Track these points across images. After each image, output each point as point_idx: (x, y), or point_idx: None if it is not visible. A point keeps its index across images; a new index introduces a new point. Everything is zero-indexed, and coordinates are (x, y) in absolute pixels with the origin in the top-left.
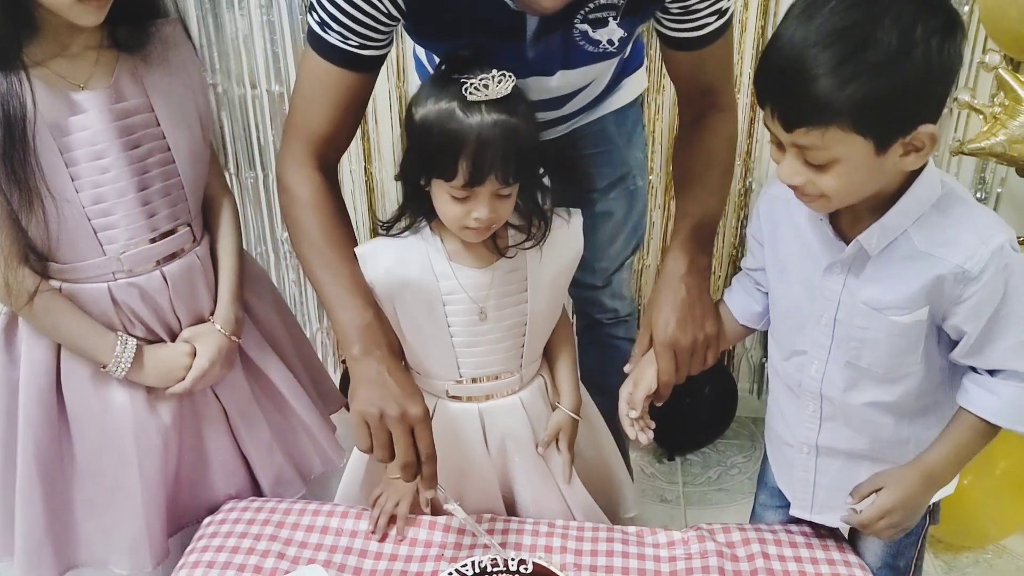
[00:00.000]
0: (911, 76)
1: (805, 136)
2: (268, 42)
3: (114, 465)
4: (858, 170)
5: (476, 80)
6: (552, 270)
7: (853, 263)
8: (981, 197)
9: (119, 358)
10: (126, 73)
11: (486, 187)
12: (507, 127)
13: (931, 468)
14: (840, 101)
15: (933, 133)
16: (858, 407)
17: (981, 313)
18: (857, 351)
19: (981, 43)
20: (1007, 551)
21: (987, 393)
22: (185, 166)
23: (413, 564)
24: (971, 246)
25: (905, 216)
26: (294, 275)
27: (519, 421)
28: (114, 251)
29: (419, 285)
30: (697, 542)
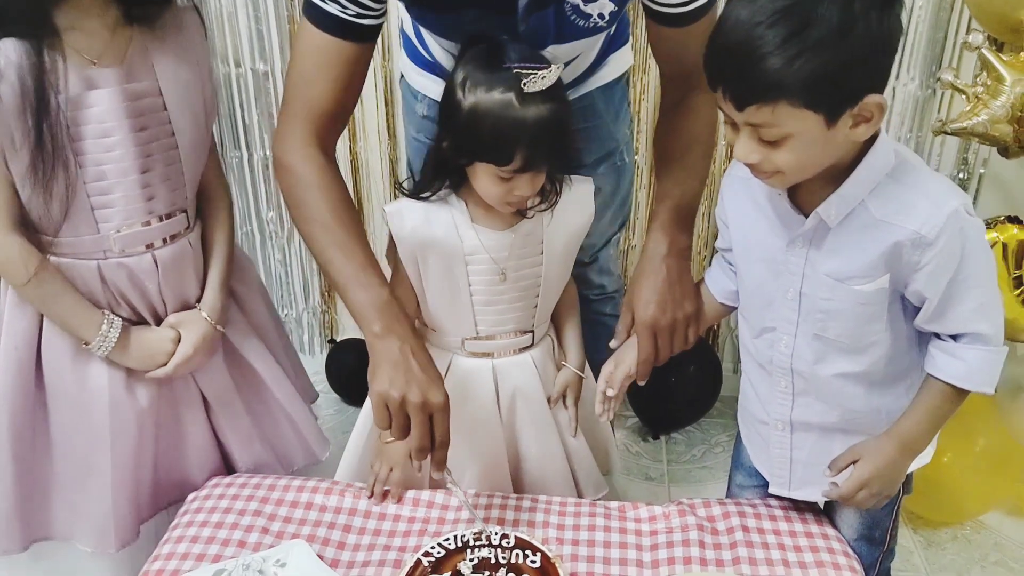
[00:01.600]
0: (854, 49)
1: (756, 114)
2: (252, 19)
3: (87, 444)
4: (811, 144)
5: (535, 74)
6: (565, 234)
7: (814, 236)
8: (964, 177)
9: (104, 337)
10: (138, 54)
11: (532, 171)
12: (559, 116)
13: (905, 436)
14: (787, 77)
15: (880, 102)
16: (828, 379)
17: (940, 277)
18: (823, 323)
19: (965, 23)
20: (985, 527)
21: (953, 359)
22: (187, 152)
23: (397, 539)
24: (926, 212)
25: (861, 186)
26: (279, 255)
27: (530, 377)
28: (108, 230)
29: (443, 245)
30: (678, 516)
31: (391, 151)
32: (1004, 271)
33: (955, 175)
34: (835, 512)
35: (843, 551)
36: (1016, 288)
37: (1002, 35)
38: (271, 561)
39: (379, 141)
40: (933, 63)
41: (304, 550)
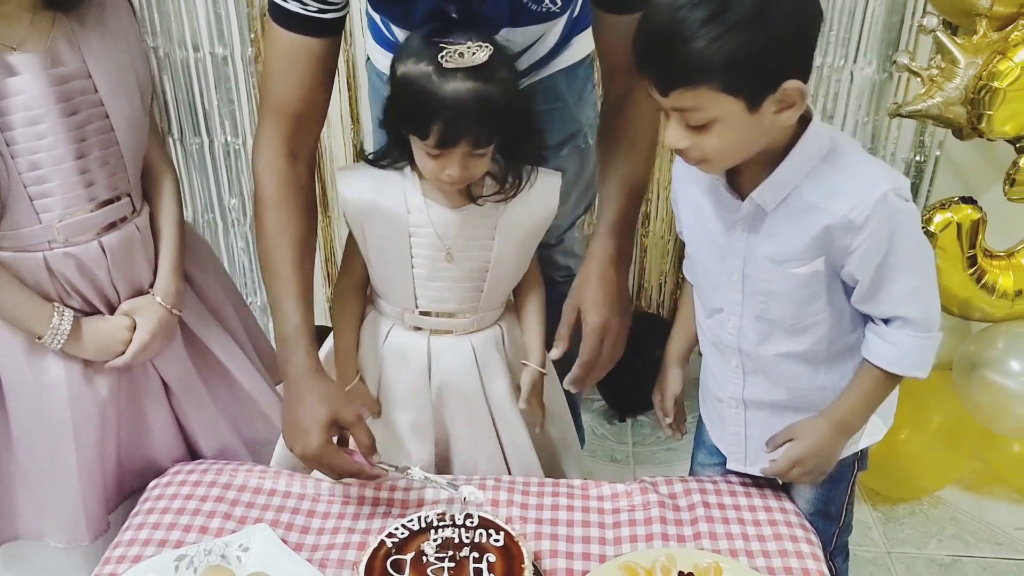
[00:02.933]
0: (771, 32)
1: (680, 98)
2: (210, 3)
3: (49, 438)
4: (735, 129)
5: (452, 49)
6: (522, 226)
7: (753, 220)
8: (920, 159)
9: (56, 330)
10: (62, 37)
11: (459, 149)
12: (481, 94)
13: (839, 417)
14: (706, 61)
15: (800, 88)
16: (772, 359)
17: (870, 261)
18: (765, 304)
19: (921, 7)
20: (942, 501)
21: (884, 343)
22: (124, 134)
23: (361, 521)
24: (856, 196)
25: (795, 170)
26: (242, 243)
27: (464, 363)
28: (50, 220)
29: (389, 213)
30: (640, 494)
31: (355, 136)
32: (958, 251)
33: (911, 157)
34: (792, 488)
35: (800, 524)
36: (970, 267)
37: (956, 18)
38: (234, 546)
39: (342, 127)
40: (889, 46)
41: (267, 535)
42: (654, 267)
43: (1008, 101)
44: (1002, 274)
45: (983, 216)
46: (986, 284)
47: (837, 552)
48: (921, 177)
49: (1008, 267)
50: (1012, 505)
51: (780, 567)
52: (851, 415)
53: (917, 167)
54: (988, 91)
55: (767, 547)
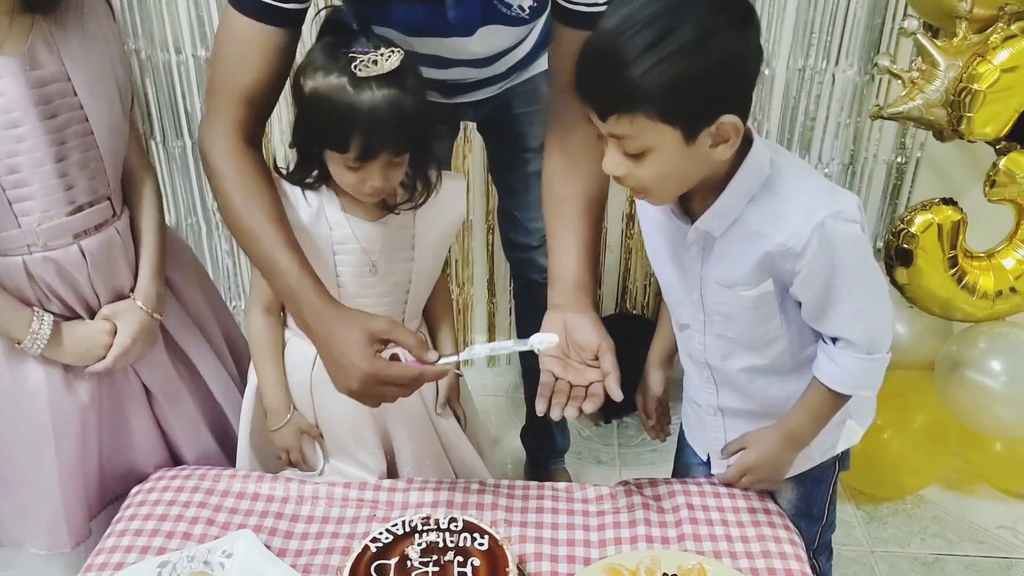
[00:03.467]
0: (709, 66)
1: (617, 124)
2: (192, 5)
3: (30, 444)
4: (671, 159)
5: (366, 57)
6: (436, 231)
7: (704, 243)
8: (901, 161)
9: (35, 335)
10: (41, 40)
11: (379, 159)
12: (397, 102)
13: (789, 430)
14: (644, 88)
15: (736, 124)
16: (737, 373)
17: (812, 285)
18: (724, 324)
19: (902, 9)
20: (925, 500)
21: (830, 362)
22: (104, 137)
23: (345, 526)
24: (794, 223)
25: (737, 198)
26: (227, 246)
27: None
28: (30, 223)
29: (311, 231)
30: (624, 496)
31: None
32: (939, 252)
33: (893, 159)
34: (774, 490)
35: (783, 525)
36: (951, 268)
37: (937, 21)
38: (217, 552)
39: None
40: (871, 49)
41: (250, 540)
42: (639, 268)
43: (988, 103)
44: (983, 275)
45: (964, 217)
46: (967, 285)
47: (820, 551)
48: (902, 179)
49: (989, 268)
50: (994, 503)
51: (764, 568)
52: (800, 429)
53: (899, 168)
54: (968, 93)
55: (751, 548)
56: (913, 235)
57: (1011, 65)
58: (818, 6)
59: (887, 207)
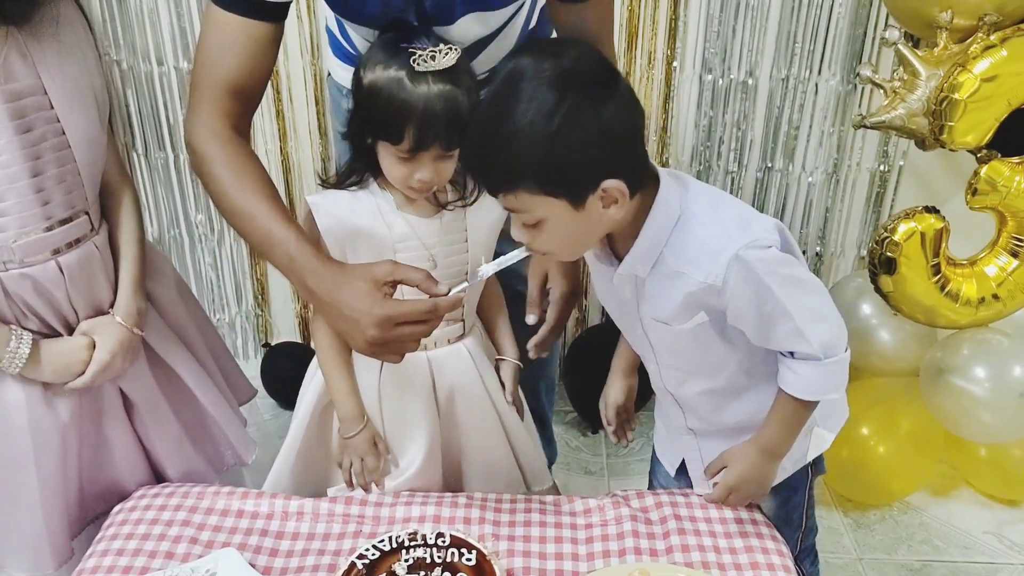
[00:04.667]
0: (572, 144)
1: (505, 200)
2: (174, 16)
3: (9, 465)
4: (565, 226)
5: (425, 52)
6: (485, 223)
7: (635, 282)
8: (884, 169)
9: (14, 353)
10: (15, 52)
11: (430, 152)
12: (452, 98)
13: (765, 443)
14: (517, 168)
15: (620, 188)
16: (695, 397)
17: (745, 315)
18: (671, 356)
19: (883, 20)
20: (911, 507)
21: (791, 373)
22: (81, 151)
23: (331, 541)
24: (708, 263)
25: (652, 241)
26: (210, 258)
27: (466, 368)
28: (6, 240)
29: (371, 232)
30: (612, 508)
31: (323, 150)
32: (922, 259)
33: (876, 167)
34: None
35: (771, 535)
36: (934, 275)
37: (918, 31)
38: (200, 571)
39: (310, 141)
40: (853, 59)
41: (234, 559)
42: None
43: (969, 112)
44: (965, 282)
45: (946, 225)
46: (950, 292)
47: (804, 555)
48: (885, 187)
49: (971, 275)
50: (980, 509)
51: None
52: (775, 441)
53: (882, 177)
54: (949, 103)
55: (739, 559)
56: (896, 243)
57: (991, 75)
58: (800, 17)
59: (870, 215)
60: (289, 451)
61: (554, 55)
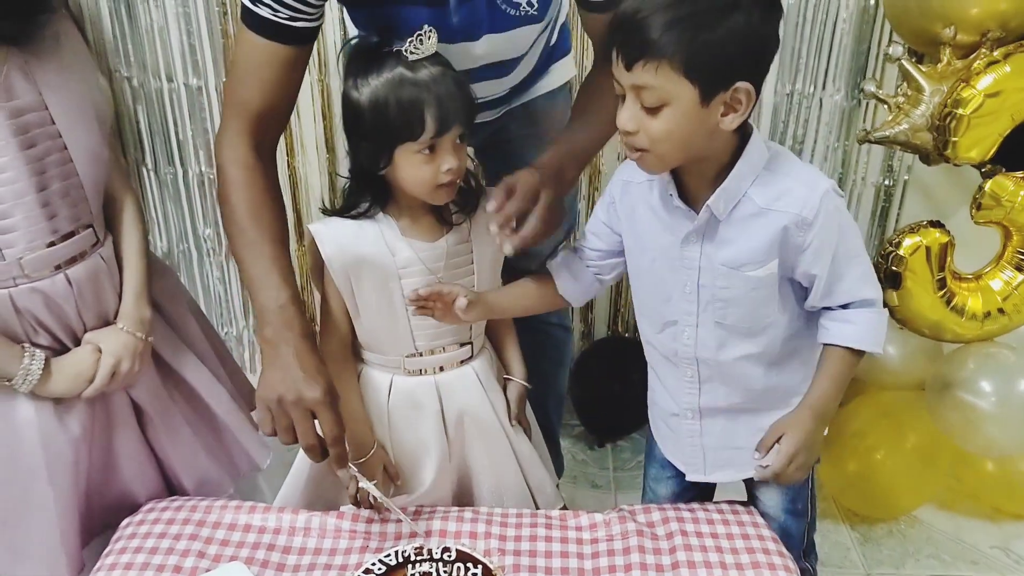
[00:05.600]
0: (733, 32)
1: (641, 73)
2: (184, 34)
3: (23, 481)
4: (684, 117)
5: (409, 44)
6: (491, 242)
7: (706, 230)
8: (889, 184)
9: (27, 371)
10: (16, 70)
11: (450, 135)
12: (453, 74)
13: (817, 404)
14: (670, 40)
15: (749, 91)
16: (731, 363)
17: (824, 254)
18: (723, 310)
19: (887, 36)
20: (918, 521)
21: (844, 324)
22: (84, 165)
23: (337, 556)
24: (803, 196)
25: (742, 179)
26: (218, 272)
27: (474, 391)
28: (13, 255)
29: (374, 260)
30: (618, 523)
31: (330, 165)
32: (927, 274)
33: (881, 181)
34: (758, 495)
35: (778, 551)
36: (940, 290)
37: (921, 47)
38: None
39: (317, 155)
40: (857, 74)
41: (242, 573)
42: (630, 291)
43: (972, 127)
44: (971, 296)
45: (951, 239)
46: (956, 306)
47: (809, 550)
48: (890, 201)
49: (976, 289)
50: (987, 524)
51: None
52: (826, 400)
53: (886, 191)
54: (953, 118)
55: (745, 575)
56: (902, 257)
57: (994, 90)
58: (805, 33)
59: (875, 229)
60: (299, 474)
61: None
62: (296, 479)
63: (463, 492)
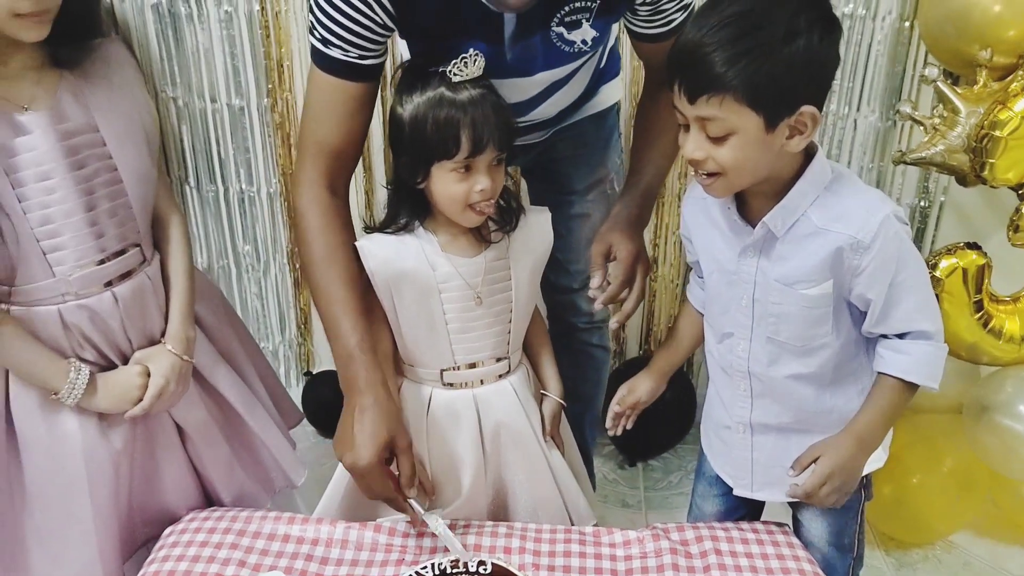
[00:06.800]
0: (794, 59)
1: (706, 106)
2: (228, 56)
3: (64, 492)
4: (750, 144)
5: (453, 66)
6: (529, 260)
7: (763, 245)
8: (925, 205)
9: (72, 385)
10: (68, 93)
11: (485, 156)
12: (492, 98)
13: (860, 432)
14: (734, 73)
15: (814, 113)
16: (781, 380)
17: (881, 279)
18: (775, 326)
19: (922, 58)
20: (955, 546)
21: (898, 354)
22: (132, 185)
23: (374, 568)
24: (861, 219)
25: (802, 197)
26: (255, 288)
27: (511, 405)
28: (63, 272)
29: (415, 275)
30: (652, 541)
31: (366, 183)
32: (964, 296)
33: (916, 203)
34: (803, 523)
35: (813, 572)
36: (977, 312)
37: (956, 69)
38: None
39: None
40: (892, 95)
41: None
42: (663, 310)
43: (1009, 149)
44: (1008, 318)
45: (988, 261)
46: (993, 328)
47: None
48: (926, 222)
49: (1014, 311)
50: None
51: None
52: (871, 429)
53: (922, 212)
54: (990, 140)
55: None
56: (938, 279)
57: None
58: (840, 54)
59: None
60: (338, 486)
61: None
62: (335, 491)
63: (499, 506)
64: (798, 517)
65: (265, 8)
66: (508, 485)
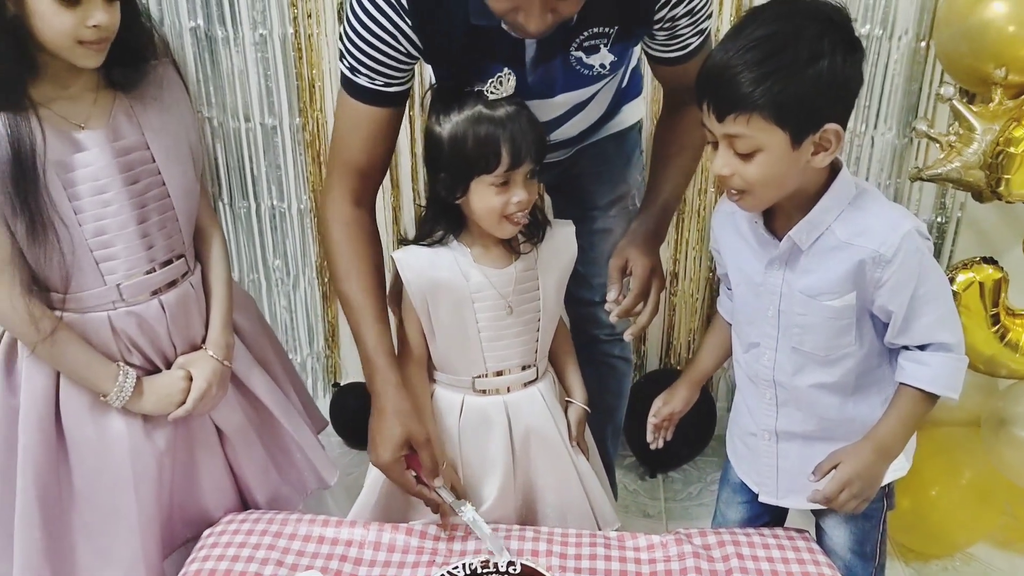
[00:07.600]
0: (819, 79)
1: (733, 124)
2: (262, 77)
3: (111, 490)
4: (777, 161)
5: (489, 84)
6: (555, 271)
7: (788, 258)
8: (942, 221)
9: (120, 388)
10: (122, 113)
11: (522, 169)
12: (526, 113)
13: (881, 440)
14: (761, 92)
15: (838, 131)
16: (805, 389)
17: (902, 292)
18: (800, 337)
19: (938, 76)
20: (974, 558)
21: (919, 365)
22: (179, 200)
23: (406, 570)
24: (883, 233)
25: (827, 212)
26: (285, 301)
27: (540, 411)
28: (114, 281)
29: (449, 285)
30: (675, 545)
31: (394, 200)
32: (981, 309)
33: (933, 218)
34: (826, 530)
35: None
36: (993, 325)
37: (972, 86)
38: None
39: (382, 191)
40: (909, 113)
41: None
42: (683, 324)
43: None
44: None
45: (1005, 275)
46: (1010, 342)
47: None
48: (943, 238)
49: None
50: None
51: None
52: (892, 438)
53: (939, 228)
54: (1005, 156)
55: None
56: (955, 293)
57: None
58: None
59: None
60: (372, 489)
61: (823, 8)
62: (369, 495)
63: (528, 510)
64: (821, 525)
65: (298, 31)
66: (537, 489)
